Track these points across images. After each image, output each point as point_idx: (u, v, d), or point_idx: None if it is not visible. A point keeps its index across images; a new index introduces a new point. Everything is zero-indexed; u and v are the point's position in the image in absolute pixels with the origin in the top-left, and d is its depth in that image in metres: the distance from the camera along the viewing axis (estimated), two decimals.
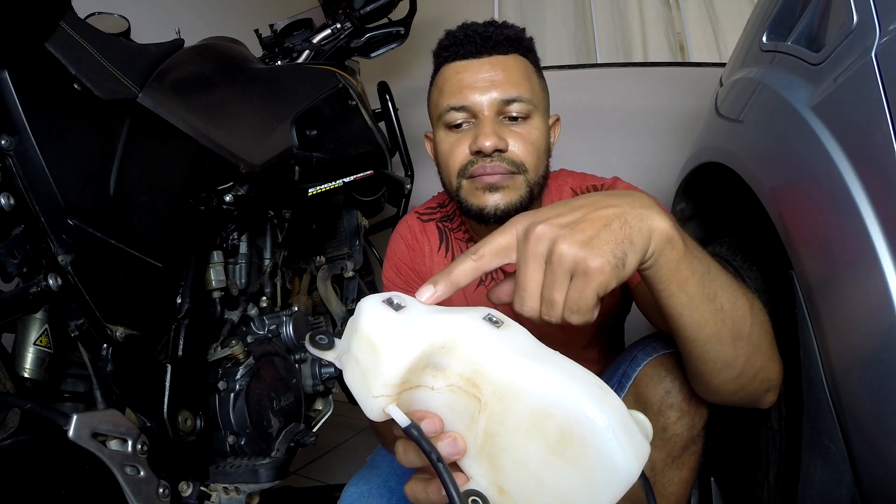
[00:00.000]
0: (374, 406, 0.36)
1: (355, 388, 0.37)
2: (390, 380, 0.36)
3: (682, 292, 0.46)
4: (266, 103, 1.12)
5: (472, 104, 0.72)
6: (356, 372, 0.37)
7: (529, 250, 0.41)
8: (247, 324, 1.04)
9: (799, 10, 0.76)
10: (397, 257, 0.91)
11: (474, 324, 0.38)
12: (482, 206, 0.73)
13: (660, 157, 1.78)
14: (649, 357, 0.66)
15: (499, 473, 0.36)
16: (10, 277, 0.62)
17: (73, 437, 0.61)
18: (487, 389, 0.36)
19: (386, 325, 0.37)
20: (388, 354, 0.36)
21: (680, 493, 0.65)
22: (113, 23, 1.00)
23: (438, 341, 0.37)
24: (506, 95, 0.71)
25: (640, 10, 2.11)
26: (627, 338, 0.88)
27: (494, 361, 0.36)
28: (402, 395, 0.37)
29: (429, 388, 0.37)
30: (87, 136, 0.69)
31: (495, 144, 0.70)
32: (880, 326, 0.48)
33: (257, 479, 0.82)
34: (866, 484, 0.52)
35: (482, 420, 0.36)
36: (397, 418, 0.36)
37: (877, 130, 0.49)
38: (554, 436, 0.34)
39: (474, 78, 0.72)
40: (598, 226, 0.40)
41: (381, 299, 0.39)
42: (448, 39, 0.76)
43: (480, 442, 0.37)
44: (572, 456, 0.33)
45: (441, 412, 0.37)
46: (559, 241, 0.39)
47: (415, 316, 0.38)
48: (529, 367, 0.35)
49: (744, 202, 0.76)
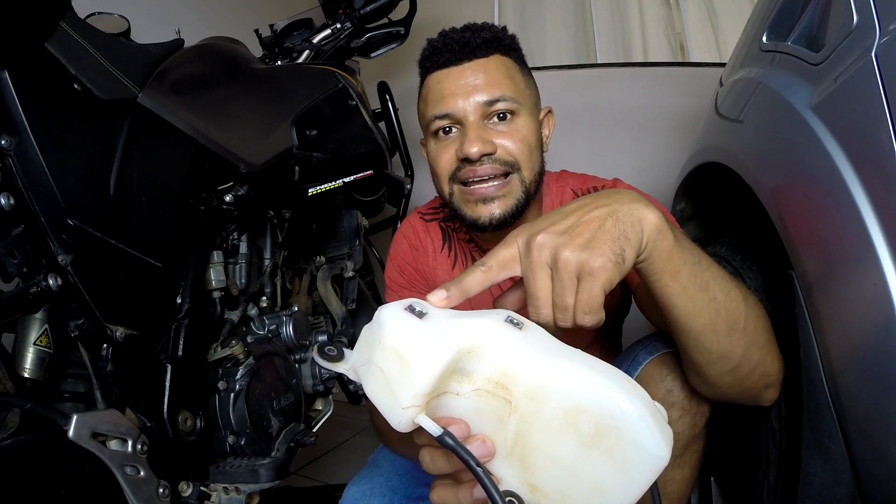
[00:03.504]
0: (402, 417, 0.35)
1: (380, 400, 0.37)
2: (421, 389, 0.35)
3: (676, 282, 0.47)
4: (266, 103, 1.11)
5: (456, 111, 0.72)
6: (380, 384, 0.37)
7: (534, 261, 0.42)
8: (247, 324, 1.04)
9: (799, 10, 0.76)
10: (400, 257, 0.91)
11: (498, 327, 0.38)
12: (475, 217, 0.74)
13: (660, 157, 1.78)
14: (651, 356, 0.67)
15: (530, 472, 0.37)
16: (10, 277, 0.62)
17: (73, 437, 0.61)
18: (518, 391, 0.36)
19: (413, 333, 0.37)
20: (419, 364, 0.35)
21: (681, 492, 0.65)
22: (113, 23, 1.00)
23: (466, 346, 0.37)
24: (488, 97, 0.71)
25: (640, 10, 2.11)
26: (627, 337, 0.88)
27: (523, 363, 0.36)
28: (429, 404, 0.36)
29: (454, 394, 0.37)
30: (87, 136, 0.69)
31: (481, 150, 0.70)
32: (880, 326, 0.48)
33: (257, 479, 0.82)
34: (866, 484, 0.52)
35: (512, 421, 0.37)
36: (429, 428, 0.35)
37: (877, 130, 0.49)
38: (588, 430, 0.35)
39: (456, 85, 0.73)
40: (593, 227, 0.42)
41: (402, 307, 0.39)
42: (428, 49, 0.77)
43: (511, 443, 0.37)
44: (607, 447, 0.34)
45: (467, 416, 0.37)
46: (561, 249, 0.41)
47: (438, 322, 0.38)
48: (559, 367, 0.36)
49: (744, 202, 0.76)
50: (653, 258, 0.45)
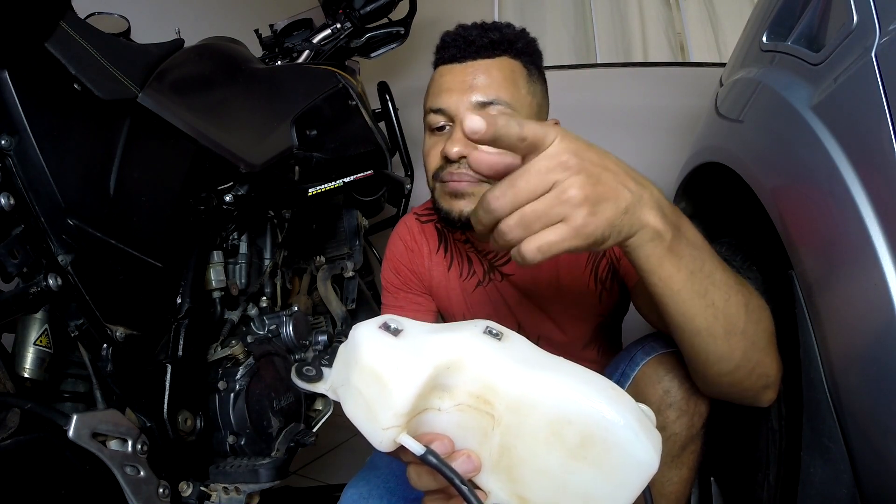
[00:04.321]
0: (384, 438, 0.35)
1: (360, 421, 0.36)
2: (401, 409, 0.35)
3: (667, 286, 0.46)
4: (266, 103, 1.12)
5: (449, 107, 0.72)
6: (359, 405, 0.36)
7: (546, 167, 0.38)
8: (247, 324, 1.04)
9: (799, 10, 0.76)
10: (396, 258, 0.91)
11: (476, 340, 0.37)
12: (449, 210, 0.74)
13: (660, 157, 1.77)
14: (648, 356, 0.66)
15: (518, 484, 0.36)
16: (10, 277, 0.62)
17: (73, 437, 0.61)
18: (500, 404, 0.36)
19: (388, 353, 0.36)
20: (396, 385, 0.35)
21: (679, 493, 0.65)
22: (113, 23, 1.00)
23: (444, 362, 0.36)
24: (483, 98, 0.71)
25: (640, 10, 2.12)
26: (627, 337, 0.88)
27: (504, 376, 0.36)
28: (410, 422, 0.36)
29: (436, 410, 0.37)
30: (88, 136, 0.69)
31: (460, 152, 0.70)
32: (880, 326, 0.48)
33: (257, 479, 0.82)
34: (866, 484, 0.52)
35: (496, 435, 0.36)
36: (411, 447, 0.35)
37: (877, 130, 0.49)
38: (574, 441, 0.34)
39: (455, 81, 0.73)
40: (611, 198, 0.40)
41: (376, 325, 0.38)
42: (440, 42, 0.77)
43: (496, 456, 0.36)
44: (594, 457, 0.34)
45: (450, 431, 0.37)
46: (575, 183, 0.38)
47: (415, 339, 0.37)
48: (542, 378, 0.35)
49: (744, 202, 0.76)
50: (637, 256, 0.45)
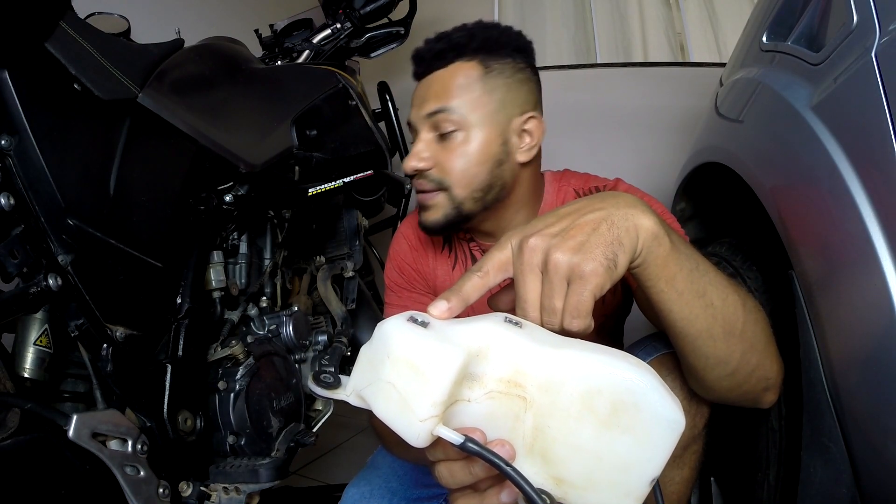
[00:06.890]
0: (421, 430, 0.35)
1: (393, 418, 0.36)
2: (439, 397, 0.35)
3: (672, 288, 0.47)
4: (266, 103, 1.11)
5: (413, 121, 0.77)
6: (392, 400, 0.36)
7: (525, 262, 0.42)
8: (247, 324, 1.04)
9: (799, 10, 0.76)
10: (400, 257, 0.91)
11: (500, 328, 0.38)
12: (422, 220, 0.79)
13: (660, 157, 1.78)
14: (650, 357, 0.66)
15: (553, 465, 0.37)
16: (10, 277, 0.62)
17: (73, 437, 0.61)
18: (531, 385, 0.37)
19: (421, 342, 0.36)
20: (433, 372, 0.35)
21: (681, 493, 0.65)
22: (113, 23, 1.01)
23: (474, 349, 0.37)
24: (431, 109, 0.73)
25: (640, 10, 2.12)
26: (628, 337, 0.88)
27: (533, 358, 0.37)
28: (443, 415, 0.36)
29: (465, 402, 0.37)
30: (87, 136, 0.69)
31: (413, 166, 0.74)
32: (880, 326, 0.48)
33: (257, 479, 0.82)
34: (866, 484, 0.52)
35: (529, 417, 0.37)
36: (449, 437, 0.34)
37: (877, 130, 0.49)
38: (605, 410, 0.35)
39: (416, 96, 0.77)
40: (587, 231, 0.42)
41: (403, 319, 0.38)
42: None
43: (530, 440, 0.37)
44: (627, 424, 0.35)
45: (480, 423, 0.37)
46: (552, 251, 0.41)
47: (442, 330, 0.38)
48: (568, 355, 0.36)
49: (744, 202, 0.76)
50: (648, 264, 0.45)
